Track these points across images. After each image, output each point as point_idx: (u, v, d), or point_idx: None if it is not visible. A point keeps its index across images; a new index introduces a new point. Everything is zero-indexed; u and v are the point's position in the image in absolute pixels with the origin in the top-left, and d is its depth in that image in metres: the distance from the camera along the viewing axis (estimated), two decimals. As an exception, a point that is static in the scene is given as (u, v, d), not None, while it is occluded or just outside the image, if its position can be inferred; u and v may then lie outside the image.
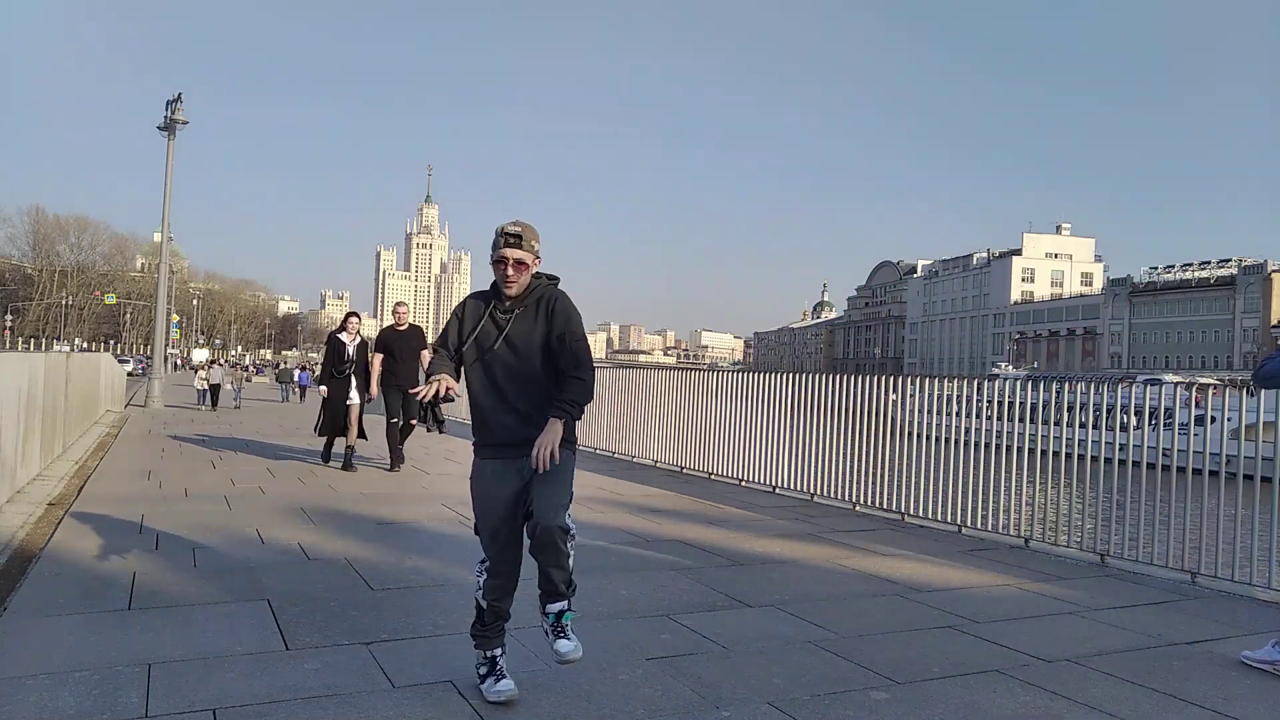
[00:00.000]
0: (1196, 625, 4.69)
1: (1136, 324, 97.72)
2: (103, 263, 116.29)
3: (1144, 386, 6.55)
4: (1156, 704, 3.50)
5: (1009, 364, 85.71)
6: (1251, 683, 3.81)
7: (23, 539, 5.72)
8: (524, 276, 3.27)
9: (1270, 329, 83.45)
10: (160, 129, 23.10)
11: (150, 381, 22.99)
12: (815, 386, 8.76)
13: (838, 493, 8.44)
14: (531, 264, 3.27)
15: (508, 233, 3.23)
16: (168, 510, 6.91)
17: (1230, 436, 5.76)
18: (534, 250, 3.27)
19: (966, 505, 7.21)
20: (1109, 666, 3.89)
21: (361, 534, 6.20)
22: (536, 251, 3.28)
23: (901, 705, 3.36)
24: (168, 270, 26.78)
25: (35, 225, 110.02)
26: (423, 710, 3.13)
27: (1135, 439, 6.31)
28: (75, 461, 9.89)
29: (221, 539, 5.87)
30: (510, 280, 3.25)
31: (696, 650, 3.92)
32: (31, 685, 3.20)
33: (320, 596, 4.52)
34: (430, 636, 3.96)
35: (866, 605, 4.84)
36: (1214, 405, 6.27)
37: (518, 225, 3.25)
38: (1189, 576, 5.70)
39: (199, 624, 4.00)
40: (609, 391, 12.03)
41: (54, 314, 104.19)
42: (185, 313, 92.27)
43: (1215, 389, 6.45)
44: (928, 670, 3.76)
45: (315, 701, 3.16)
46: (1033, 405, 6.90)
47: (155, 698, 3.13)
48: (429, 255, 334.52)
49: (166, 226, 23.88)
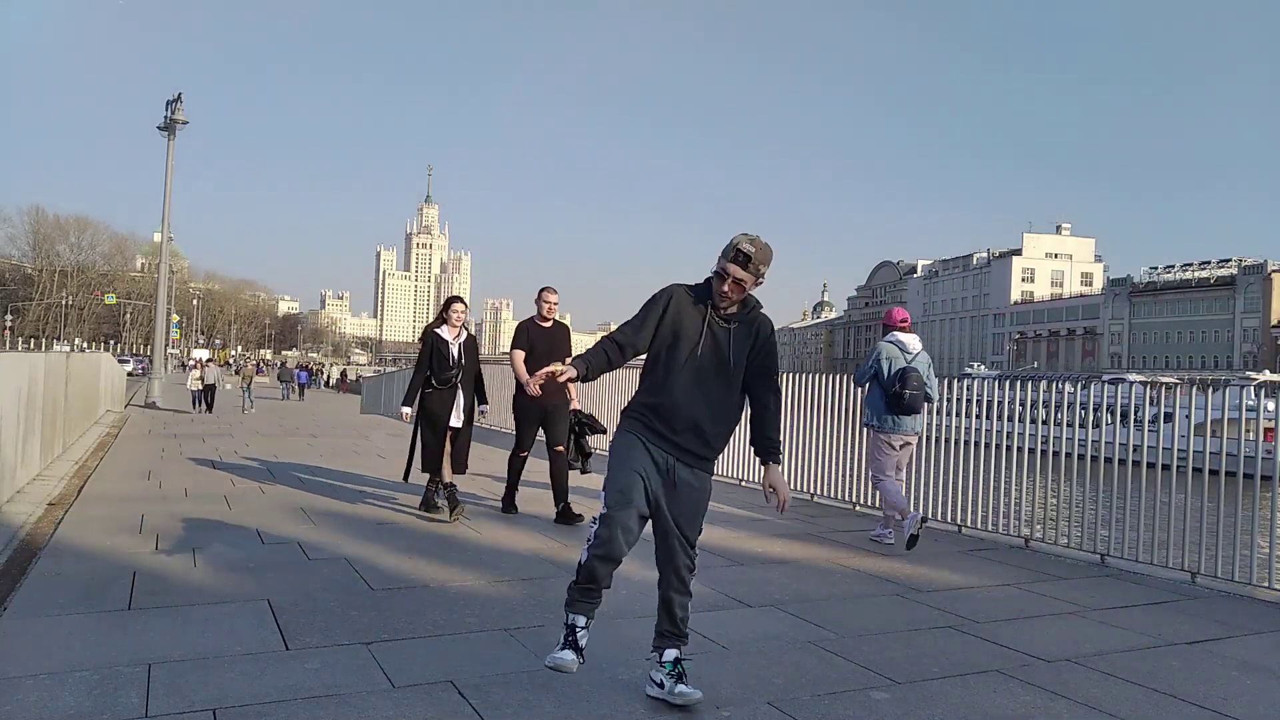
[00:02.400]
0: (1196, 625, 4.69)
1: (1136, 324, 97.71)
2: (103, 263, 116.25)
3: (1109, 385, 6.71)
4: (1156, 704, 3.50)
5: (979, 364, 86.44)
6: (1251, 683, 3.81)
7: (23, 539, 5.72)
8: (739, 295, 3.24)
9: (1270, 329, 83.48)
10: (160, 129, 23.12)
11: (150, 381, 23.00)
12: (815, 386, 8.76)
13: (838, 493, 8.44)
14: (750, 286, 3.24)
15: (740, 249, 3.18)
16: (168, 510, 6.91)
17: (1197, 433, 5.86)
18: (759, 274, 3.23)
19: (966, 505, 7.21)
20: (1109, 666, 3.89)
21: (361, 534, 6.20)
22: (761, 275, 3.24)
23: (901, 705, 3.36)
24: (168, 270, 26.77)
25: (35, 225, 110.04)
26: (423, 710, 3.13)
27: (1121, 437, 6.41)
28: (75, 461, 9.89)
29: (221, 539, 5.87)
30: (726, 296, 3.22)
31: (696, 650, 3.91)
32: (31, 685, 3.20)
33: (320, 596, 4.52)
34: (430, 636, 3.96)
35: (866, 605, 4.84)
36: (1180, 403, 6.35)
37: (753, 245, 3.19)
38: (1189, 576, 5.70)
39: (199, 624, 4.00)
40: (609, 391, 12.03)
41: (54, 314, 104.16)
42: (185, 313, 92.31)
43: (1182, 387, 6.56)
44: (928, 670, 3.76)
45: (315, 701, 3.16)
46: (1000, 403, 7.12)
47: (155, 698, 3.13)
48: (429, 255, 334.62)
49: (166, 226, 23.89)
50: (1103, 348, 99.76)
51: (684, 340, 3.23)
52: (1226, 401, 5.79)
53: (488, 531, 6.45)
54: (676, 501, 3.26)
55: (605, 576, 3.25)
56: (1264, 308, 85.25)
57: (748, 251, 3.17)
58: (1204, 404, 6.00)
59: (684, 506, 3.27)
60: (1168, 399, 6.67)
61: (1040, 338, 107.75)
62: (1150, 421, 6.37)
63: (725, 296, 3.22)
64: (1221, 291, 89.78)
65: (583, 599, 3.27)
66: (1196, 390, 6.18)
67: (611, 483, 3.23)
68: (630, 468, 3.23)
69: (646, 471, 3.22)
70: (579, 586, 3.27)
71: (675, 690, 3.20)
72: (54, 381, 9.77)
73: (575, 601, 3.28)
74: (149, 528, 6.16)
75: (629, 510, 3.18)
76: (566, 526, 6.72)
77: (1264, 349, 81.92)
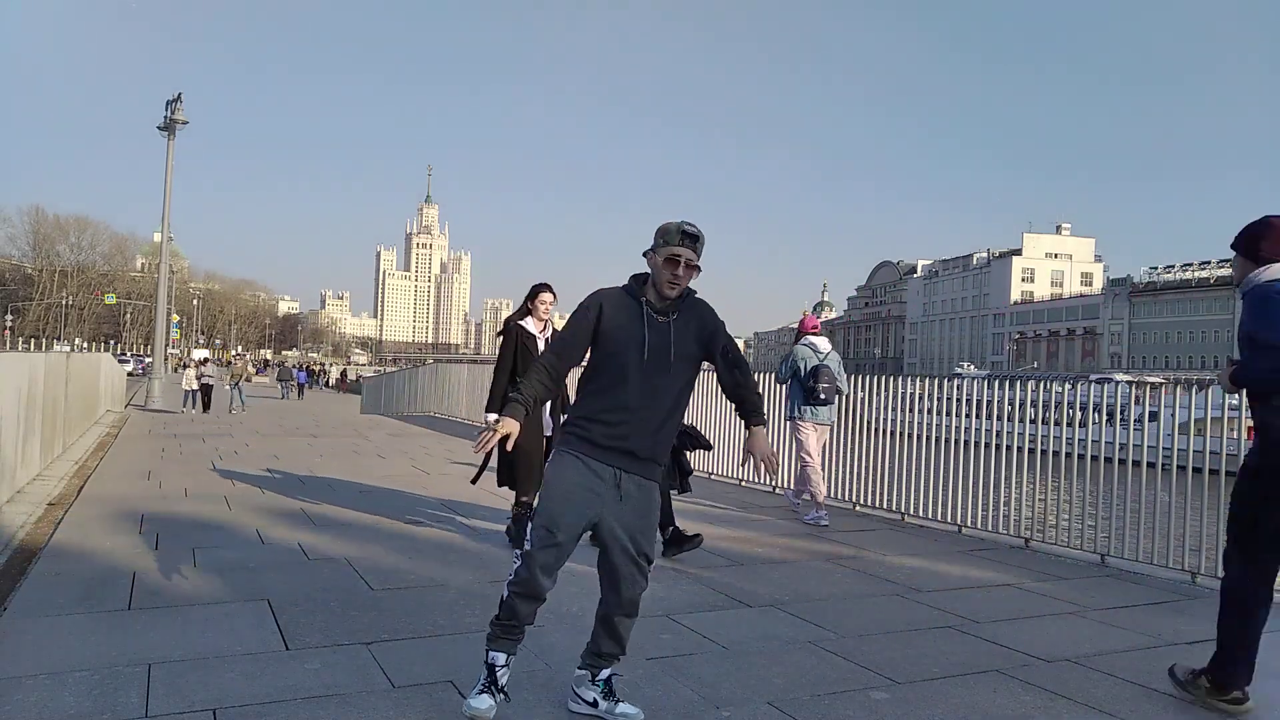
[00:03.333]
0: (1197, 625, 4.68)
1: (1136, 324, 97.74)
2: (103, 263, 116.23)
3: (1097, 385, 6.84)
4: (1156, 704, 3.49)
5: (969, 364, 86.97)
6: (1251, 683, 3.80)
7: (23, 539, 5.72)
8: (689, 281, 3.08)
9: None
10: (160, 129, 23.12)
11: (150, 382, 23.00)
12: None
13: (838, 493, 8.43)
14: (695, 271, 3.08)
15: (688, 233, 3.03)
16: (168, 510, 6.91)
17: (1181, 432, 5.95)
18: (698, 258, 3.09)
19: (966, 505, 7.22)
20: (1109, 666, 3.89)
21: (361, 534, 6.20)
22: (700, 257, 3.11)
23: (901, 705, 3.36)
24: (168, 270, 26.78)
25: (35, 225, 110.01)
26: (423, 710, 3.13)
27: (1111, 436, 6.48)
28: (75, 461, 9.89)
29: (221, 539, 5.87)
30: (678, 282, 3.04)
31: (696, 650, 3.92)
32: (31, 685, 3.20)
33: (320, 596, 4.52)
34: (430, 636, 3.96)
35: (866, 605, 4.84)
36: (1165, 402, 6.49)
37: (697, 228, 3.06)
38: (1189, 576, 5.70)
39: (199, 624, 4.00)
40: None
41: (54, 314, 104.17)
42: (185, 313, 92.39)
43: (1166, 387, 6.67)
44: (928, 670, 3.76)
45: (315, 701, 3.16)
46: (989, 402, 7.26)
47: (155, 698, 3.13)
48: (429, 255, 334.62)
49: (166, 226, 23.90)
50: (1103, 348, 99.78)
51: (626, 343, 3.02)
52: (1209, 401, 5.84)
53: (489, 531, 6.45)
54: (627, 516, 3.03)
55: (528, 614, 3.04)
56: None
57: (694, 232, 3.04)
58: (1188, 403, 6.05)
59: (636, 519, 3.05)
60: (1153, 398, 6.75)
61: (1040, 338, 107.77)
62: (1135, 420, 6.46)
63: (677, 283, 3.02)
64: (1221, 291, 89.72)
65: (504, 635, 3.04)
66: (1180, 390, 6.27)
67: (537, 515, 3.01)
68: (558, 496, 3.00)
69: (581, 495, 2.99)
70: (500, 623, 3.04)
71: (616, 711, 3.06)
72: (54, 382, 9.77)
73: (496, 638, 3.04)
74: (149, 528, 6.16)
75: (551, 550, 2.96)
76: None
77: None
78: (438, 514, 7.12)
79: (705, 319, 3.13)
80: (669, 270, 3.02)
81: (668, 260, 3.02)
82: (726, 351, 3.15)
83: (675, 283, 3.03)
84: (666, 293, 3.04)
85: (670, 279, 3.02)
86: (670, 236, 3.03)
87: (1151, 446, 6.23)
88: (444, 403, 19.64)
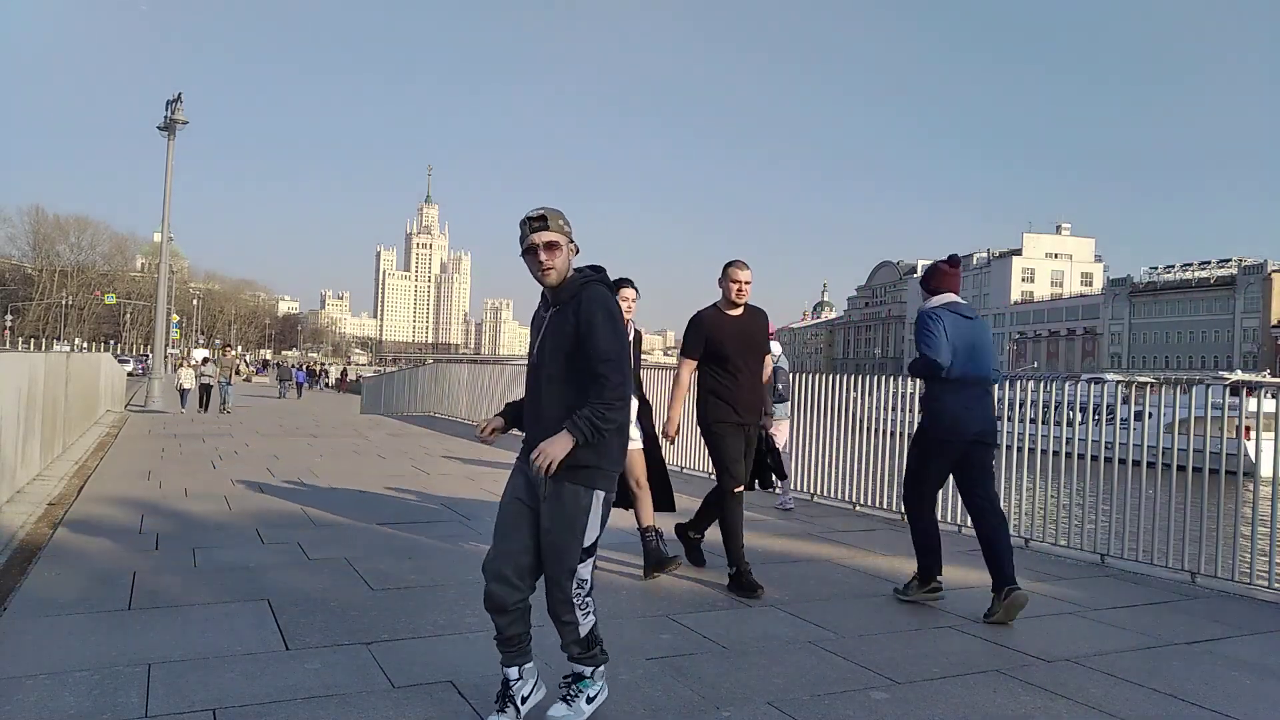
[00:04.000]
0: (1197, 625, 4.69)
1: (1137, 324, 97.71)
2: (103, 263, 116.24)
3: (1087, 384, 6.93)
4: (1157, 704, 3.50)
5: None
6: (1252, 683, 3.81)
7: (23, 539, 5.72)
8: (559, 259, 2.90)
9: (1270, 329, 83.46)
10: (160, 129, 23.10)
11: (150, 382, 22.99)
12: (815, 387, 8.76)
13: (838, 493, 8.44)
14: (565, 246, 2.91)
15: (530, 218, 2.90)
16: (168, 510, 6.91)
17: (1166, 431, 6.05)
18: (564, 231, 2.92)
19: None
20: (1109, 666, 3.89)
21: (361, 534, 6.20)
22: (567, 233, 2.93)
23: (901, 705, 3.36)
24: (168, 270, 26.77)
25: (35, 225, 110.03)
26: (423, 710, 3.13)
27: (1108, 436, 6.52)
28: (75, 461, 9.88)
29: (221, 539, 5.87)
30: (547, 267, 2.89)
31: (696, 650, 3.92)
32: (31, 685, 3.20)
33: (320, 596, 4.52)
34: (430, 636, 3.96)
35: (866, 605, 4.84)
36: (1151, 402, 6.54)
37: (539, 209, 2.92)
38: (1189, 576, 5.70)
39: (199, 624, 4.00)
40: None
41: (54, 314, 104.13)
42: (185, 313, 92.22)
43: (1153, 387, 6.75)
44: (928, 670, 3.76)
45: (315, 701, 3.16)
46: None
47: (155, 698, 3.13)
48: (429, 255, 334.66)
49: (166, 226, 23.88)
50: (1103, 348, 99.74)
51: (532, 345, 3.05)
52: (1193, 401, 5.92)
53: (488, 531, 6.44)
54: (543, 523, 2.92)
55: (506, 626, 2.93)
56: (1264, 308, 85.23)
57: (539, 214, 2.90)
58: (1177, 403, 6.11)
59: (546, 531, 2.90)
60: (1140, 398, 6.80)
61: (1040, 338, 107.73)
62: (1134, 419, 6.52)
63: (549, 268, 2.88)
64: (1222, 291, 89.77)
65: (503, 650, 2.97)
66: (1166, 389, 6.31)
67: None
68: (504, 504, 3.03)
69: (521, 498, 2.97)
70: (495, 639, 2.98)
71: (551, 711, 2.96)
72: (54, 382, 9.77)
73: (501, 655, 2.99)
74: (149, 528, 6.15)
75: (499, 562, 2.93)
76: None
77: (1264, 349, 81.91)
78: (438, 514, 7.12)
79: (580, 311, 2.88)
80: (531, 262, 2.92)
81: (526, 253, 2.91)
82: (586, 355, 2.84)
83: (544, 269, 2.89)
84: (545, 280, 2.93)
85: (539, 268, 2.90)
86: (521, 233, 2.92)
87: (1151, 446, 6.24)
88: (444, 403, 19.63)
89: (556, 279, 2.92)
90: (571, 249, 2.96)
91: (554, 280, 2.92)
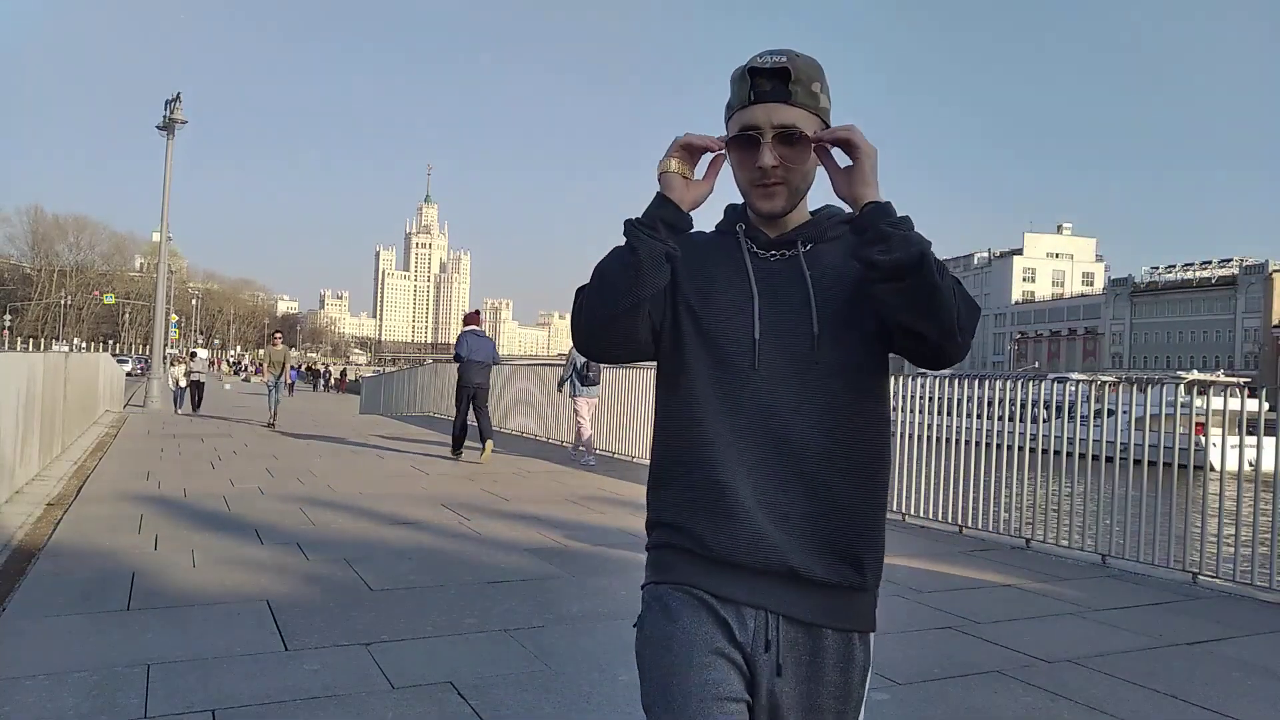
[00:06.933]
0: (1197, 625, 4.68)
1: (1138, 324, 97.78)
2: (102, 263, 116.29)
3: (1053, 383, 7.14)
4: (1157, 704, 3.49)
5: None
6: (1252, 683, 3.80)
7: (22, 539, 5.71)
8: (795, 176, 1.44)
9: (1271, 329, 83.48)
10: (159, 129, 23.10)
11: (149, 382, 22.97)
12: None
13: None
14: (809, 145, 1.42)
15: (758, 69, 1.41)
16: (167, 510, 6.90)
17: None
18: (819, 109, 1.44)
19: (967, 505, 7.21)
20: (1110, 667, 3.89)
21: (361, 534, 6.19)
22: (824, 113, 1.45)
23: (901, 705, 3.35)
24: (167, 270, 26.76)
25: (34, 225, 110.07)
26: (423, 710, 3.13)
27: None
28: (74, 461, 9.88)
29: (221, 539, 5.86)
30: (771, 184, 1.44)
31: (697, 650, 3.90)
32: (31, 685, 3.20)
33: (320, 596, 4.51)
34: (430, 637, 3.95)
35: (867, 605, 4.83)
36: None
37: (780, 56, 1.41)
38: (1189, 577, 5.70)
39: (199, 624, 4.00)
40: (609, 391, 12.03)
41: (53, 314, 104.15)
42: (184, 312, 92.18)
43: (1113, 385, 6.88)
44: (928, 670, 3.75)
45: (315, 702, 3.15)
46: (957, 400, 7.42)
47: (155, 698, 3.12)
48: (428, 255, 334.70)
49: (165, 226, 23.87)
50: (1104, 348, 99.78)
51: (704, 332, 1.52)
52: (1149, 398, 6.14)
53: (487, 531, 6.44)
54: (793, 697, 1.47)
55: None
56: (1265, 308, 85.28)
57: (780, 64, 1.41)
58: (1140, 401, 6.30)
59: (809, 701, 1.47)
60: (1109, 396, 6.88)
61: (1041, 338, 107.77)
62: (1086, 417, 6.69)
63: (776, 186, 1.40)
64: (1223, 291, 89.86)
65: None
66: (1125, 387, 6.61)
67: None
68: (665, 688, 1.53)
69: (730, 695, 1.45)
70: None
71: None
72: (53, 381, 9.77)
73: None
74: (149, 528, 6.15)
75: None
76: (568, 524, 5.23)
77: (1265, 349, 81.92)
78: (437, 514, 7.11)
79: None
80: (746, 164, 1.44)
81: (734, 142, 1.44)
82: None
83: (771, 185, 1.44)
84: (760, 208, 1.48)
85: (760, 180, 1.44)
86: (735, 91, 1.45)
87: (1153, 446, 6.24)
88: (444, 403, 19.58)
89: (784, 206, 1.48)
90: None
91: (779, 207, 1.47)
